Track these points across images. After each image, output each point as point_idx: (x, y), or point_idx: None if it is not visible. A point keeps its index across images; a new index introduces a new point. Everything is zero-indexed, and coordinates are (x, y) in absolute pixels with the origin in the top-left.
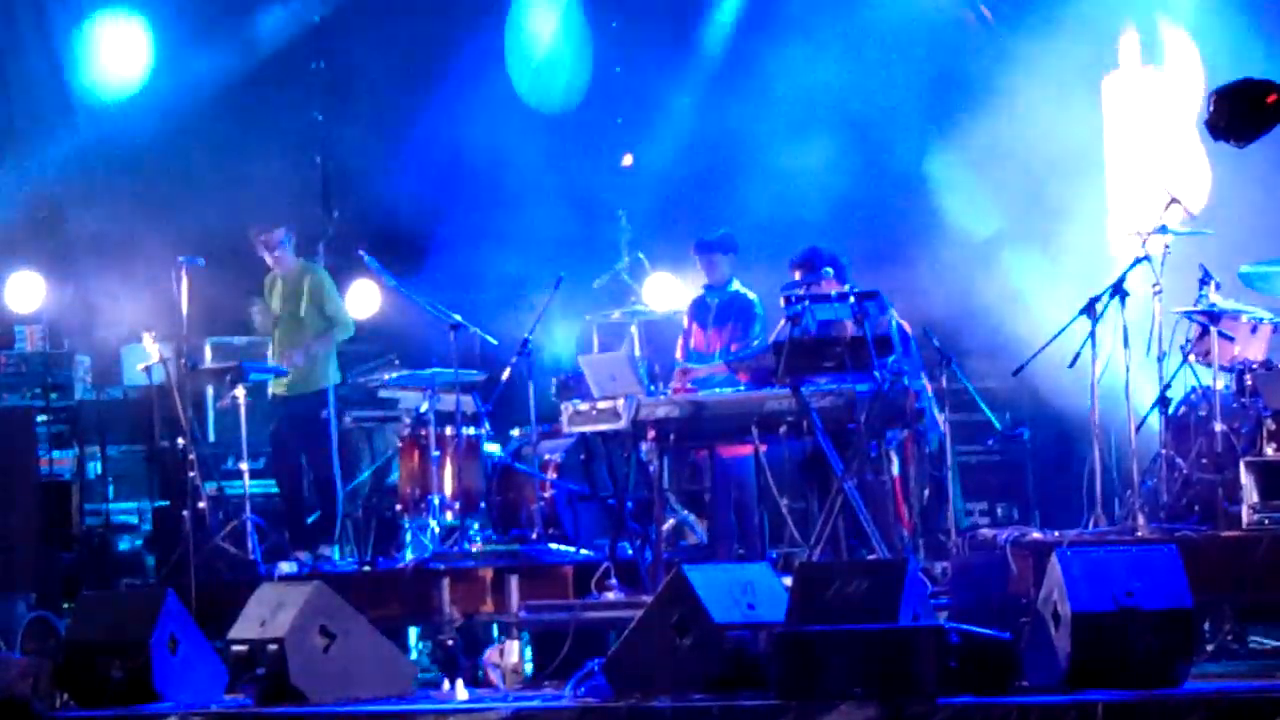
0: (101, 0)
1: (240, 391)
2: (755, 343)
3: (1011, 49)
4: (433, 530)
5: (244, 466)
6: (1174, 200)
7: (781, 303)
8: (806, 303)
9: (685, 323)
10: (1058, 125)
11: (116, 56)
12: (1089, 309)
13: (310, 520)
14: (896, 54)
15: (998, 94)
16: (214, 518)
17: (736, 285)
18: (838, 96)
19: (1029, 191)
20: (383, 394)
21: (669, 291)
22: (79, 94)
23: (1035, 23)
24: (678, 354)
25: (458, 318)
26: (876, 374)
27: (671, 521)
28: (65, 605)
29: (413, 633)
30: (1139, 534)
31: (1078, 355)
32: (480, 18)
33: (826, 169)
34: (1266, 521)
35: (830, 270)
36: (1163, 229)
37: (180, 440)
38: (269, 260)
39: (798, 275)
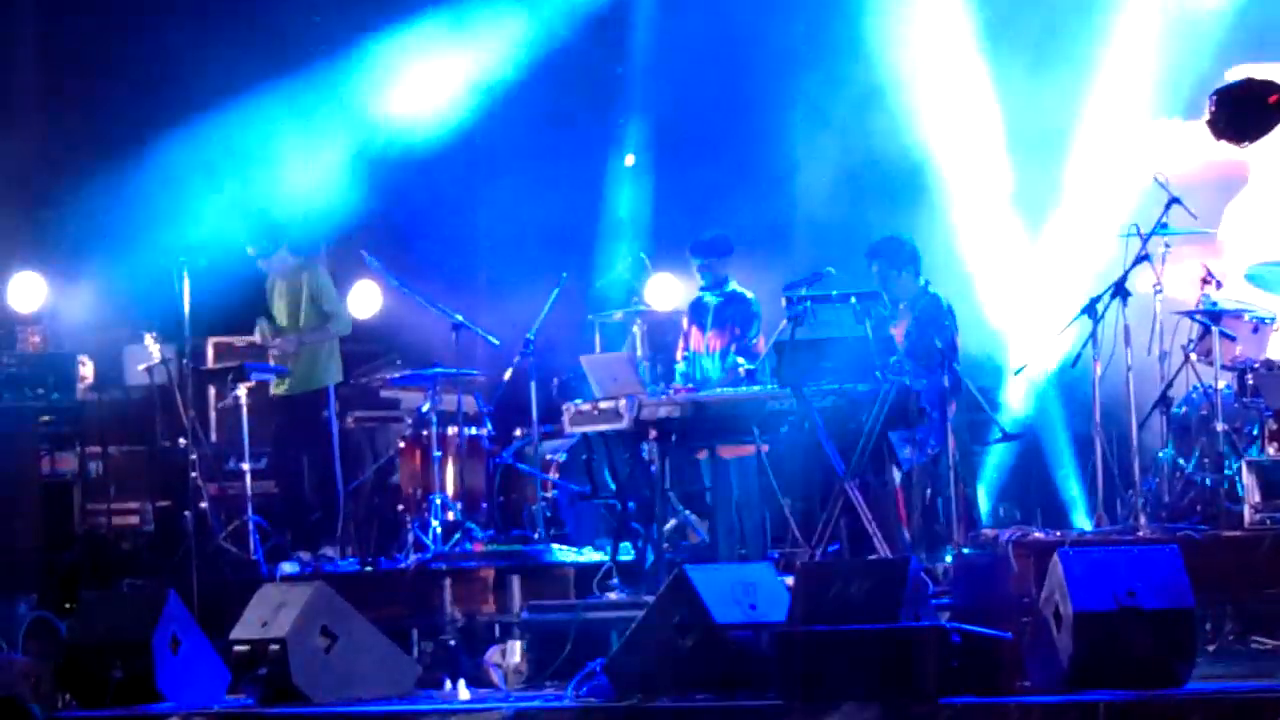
0: None
1: (242, 391)
2: (754, 342)
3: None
4: (434, 530)
5: (246, 467)
6: (1175, 200)
7: (783, 303)
8: (808, 303)
9: (684, 325)
10: None
11: None
12: (1090, 309)
13: (312, 520)
14: (901, 52)
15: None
16: (216, 518)
17: (734, 285)
18: (840, 97)
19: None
20: (384, 394)
21: (671, 291)
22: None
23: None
24: (677, 355)
25: (459, 317)
26: (878, 375)
27: (673, 522)
28: (67, 606)
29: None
30: (1141, 534)
31: (1079, 355)
32: (482, 17)
33: (828, 170)
34: (1268, 521)
35: (832, 270)
36: (1163, 228)
37: (182, 440)
38: (262, 266)
39: (876, 267)
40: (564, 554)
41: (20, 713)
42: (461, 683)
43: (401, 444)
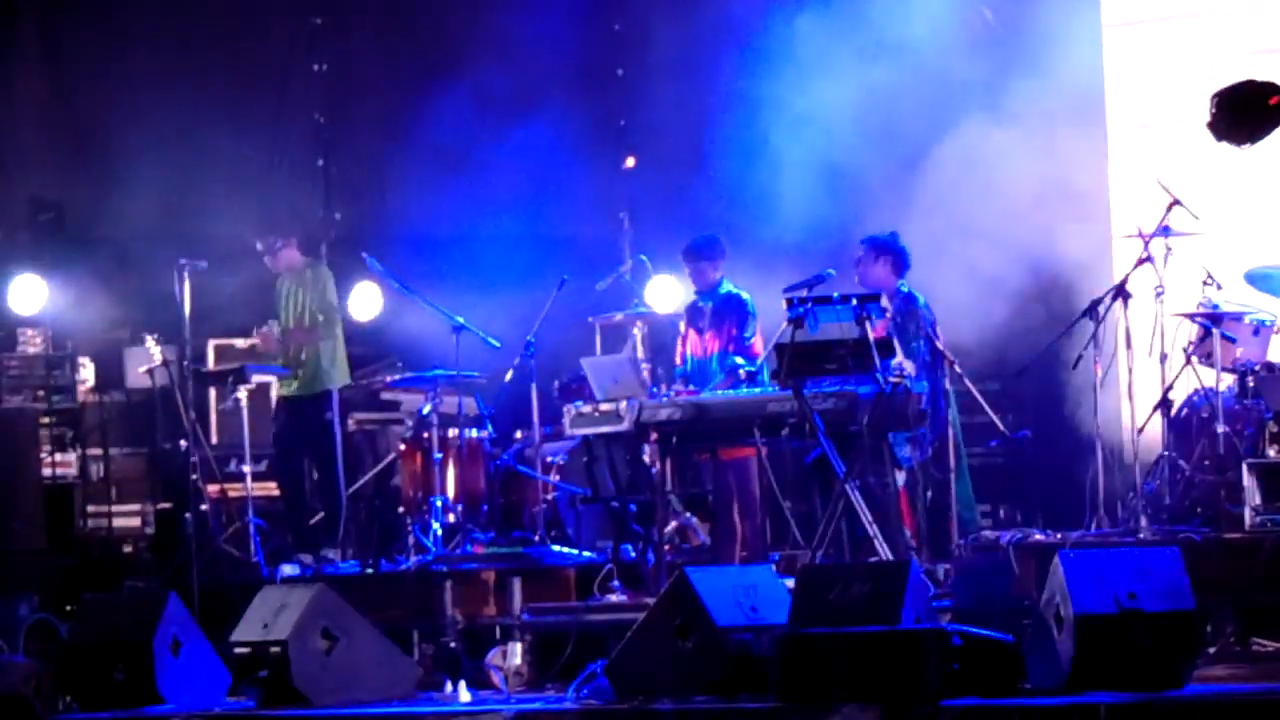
0: None
1: (243, 394)
2: (750, 341)
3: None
4: (435, 532)
5: (247, 469)
6: (1176, 202)
7: (784, 305)
8: (809, 305)
9: (682, 328)
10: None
11: None
12: (1091, 311)
13: (313, 522)
14: (904, 55)
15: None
16: (216, 520)
17: (728, 286)
18: (843, 95)
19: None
20: (385, 396)
21: (671, 294)
22: None
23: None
24: (676, 360)
25: (460, 319)
26: (878, 376)
27: (674, 524)
28: (68, 608)
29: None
30: (1141, 536)
31: (1080, 357)
32: (481, 15)
33: (832, 171)
34: (1269, 524)
35: (833, 271)
36: (1165, 231)
37: (183, 443)
38: (268, 263)
39: (860, 253)
40: (565, 556)
41: (25, 712)
42: (462, 685)
43: (402, 446)
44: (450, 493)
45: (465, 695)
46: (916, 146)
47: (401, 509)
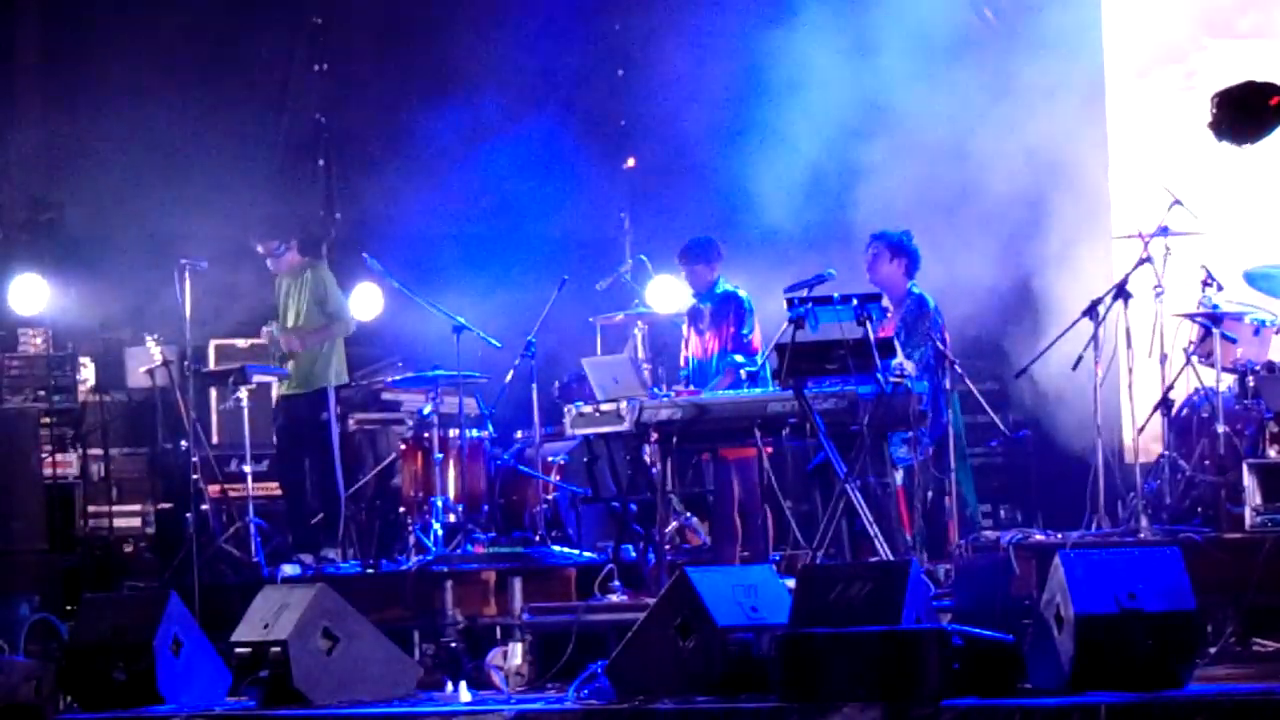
0: None
1: (244, 394)
2: (749, 338)
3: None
4: (436, 532)
5: (247, 469)
6: (1177, 202)
7: (784, 305)
8: (809, 305)
9: (684, 331)
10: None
11: None
12: (1091, 311)
13: (313, 522)
14: (903, 54)
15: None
16: (217, 520)
17: (724, 285)
18: (842, 94)
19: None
20: (386, 396)
21: (672, 294)
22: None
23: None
24: (681, 363)
25: (461, 320)
26: (879, 376)
27: (674, 524)
28: (68, 607)
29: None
30: (1142, 536)
31: (1080, 357)
32: (479, 15)
33: (832, 170)
34: (1269, 524)
35: (833, 271)
36: (1165, 231)
37: (184, 443)
38: (269, 265)
39: (871, 250)
40: (565, 556)
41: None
42: (463, 685)
43: (403, 446)
44: (451, 493)
45: (466, 695)
46: (915, 145)
47: (402, 509)
